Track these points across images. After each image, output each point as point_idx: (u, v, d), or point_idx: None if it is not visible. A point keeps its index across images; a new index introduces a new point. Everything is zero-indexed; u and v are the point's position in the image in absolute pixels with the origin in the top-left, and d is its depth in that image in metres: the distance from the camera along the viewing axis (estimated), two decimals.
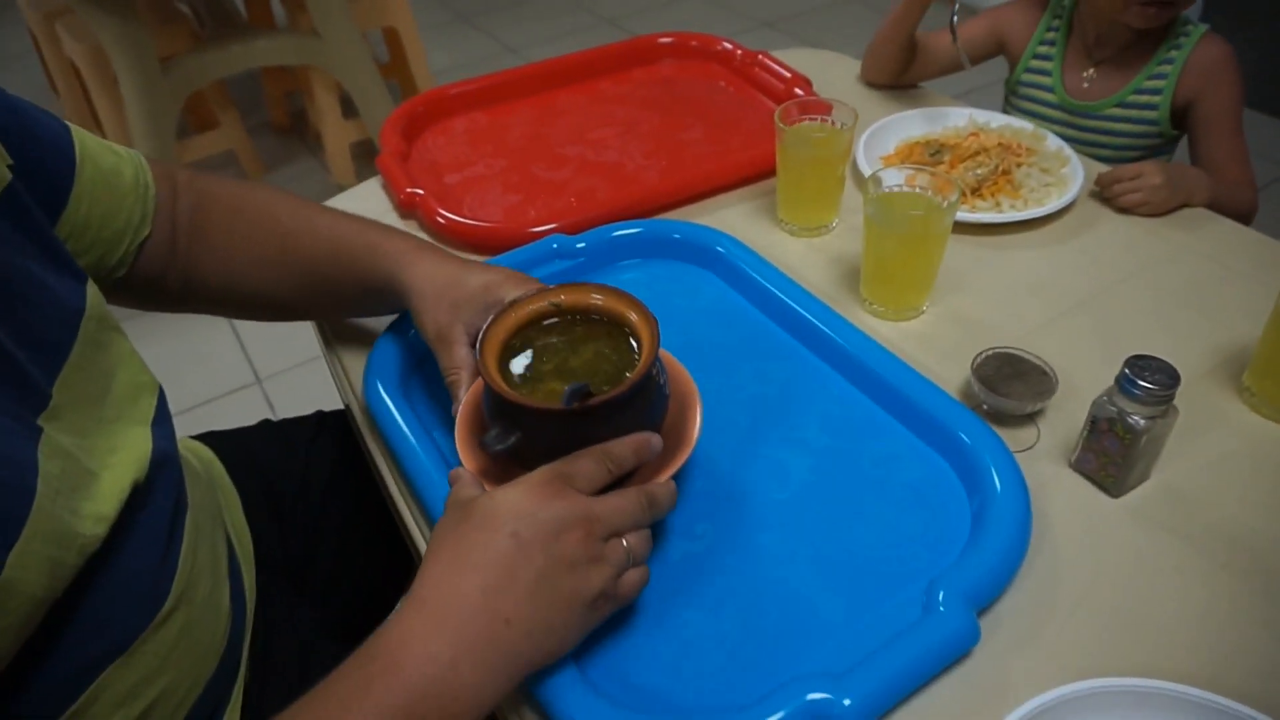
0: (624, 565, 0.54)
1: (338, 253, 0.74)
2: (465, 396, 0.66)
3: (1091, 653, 0.57)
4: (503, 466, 0.62)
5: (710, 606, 0.61)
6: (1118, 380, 0.63)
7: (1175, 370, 0.63)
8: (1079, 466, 0.69)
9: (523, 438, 0.58)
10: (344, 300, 0.79)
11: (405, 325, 0.80)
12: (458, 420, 0.65)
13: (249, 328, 2.08)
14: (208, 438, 0.84)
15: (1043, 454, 0.71)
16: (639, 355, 0.62)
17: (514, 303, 0.64)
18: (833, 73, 1.24)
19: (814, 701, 0.52)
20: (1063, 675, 0.54)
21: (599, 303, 0.65)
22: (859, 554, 0.64)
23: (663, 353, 0.65)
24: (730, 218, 0.99)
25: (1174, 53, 1.06)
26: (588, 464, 0.56)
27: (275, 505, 0.82)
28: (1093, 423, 0.66)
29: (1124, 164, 0.97)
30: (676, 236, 0.89)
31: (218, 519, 0.71)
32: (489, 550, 0.51)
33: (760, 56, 1.22)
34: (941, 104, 1.13)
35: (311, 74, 2.32)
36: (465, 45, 3.25)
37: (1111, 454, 0.66)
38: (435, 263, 0.71)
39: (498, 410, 0.60)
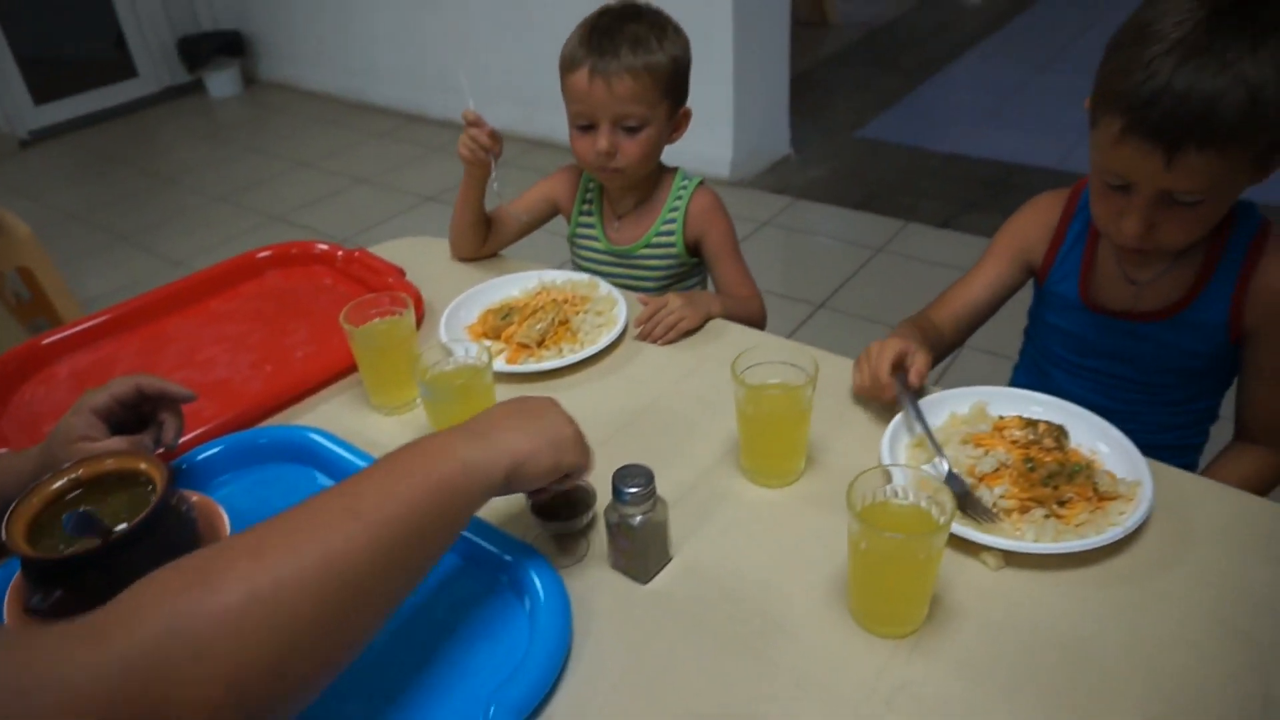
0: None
1: None
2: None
3: (603, 711, 0.69)
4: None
5: None
6: (612, 490, 0.78)
7: (650, 472, 0.78)
8: (613, 565, 0.83)
9: (65, 592, 0.65)
10: None
11: None
12: (6, 601, 0.72)
13: None
14: None
15: (592, 561, 0.84)
16: (155, 492, 0.73)
17: (37, 485, 0.73)
18: (429, 256, 1.40)
19: None
20: None
21: (112, 466, 0.76)
22: (433, 697, 0.72)
23: (200, 497, 0.82)
24: (334, 409, 1.08)
25: (678, 202, 1.33)
26: None
27: None
28: (608, 527, 0.80)
29: (656, 296, 1.18)
30: (264, 441, 0.97)
31: None
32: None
33: (358, 254, 1.34)
34: (518, 269, 1.31)
35: None
36: (128, 265, 3.17)
37: (627, 550, 0.80)
38: None
39: (36, 575, 0.68)
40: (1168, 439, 1.13)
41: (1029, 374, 1.24)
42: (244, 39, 4.74)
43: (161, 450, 0.89)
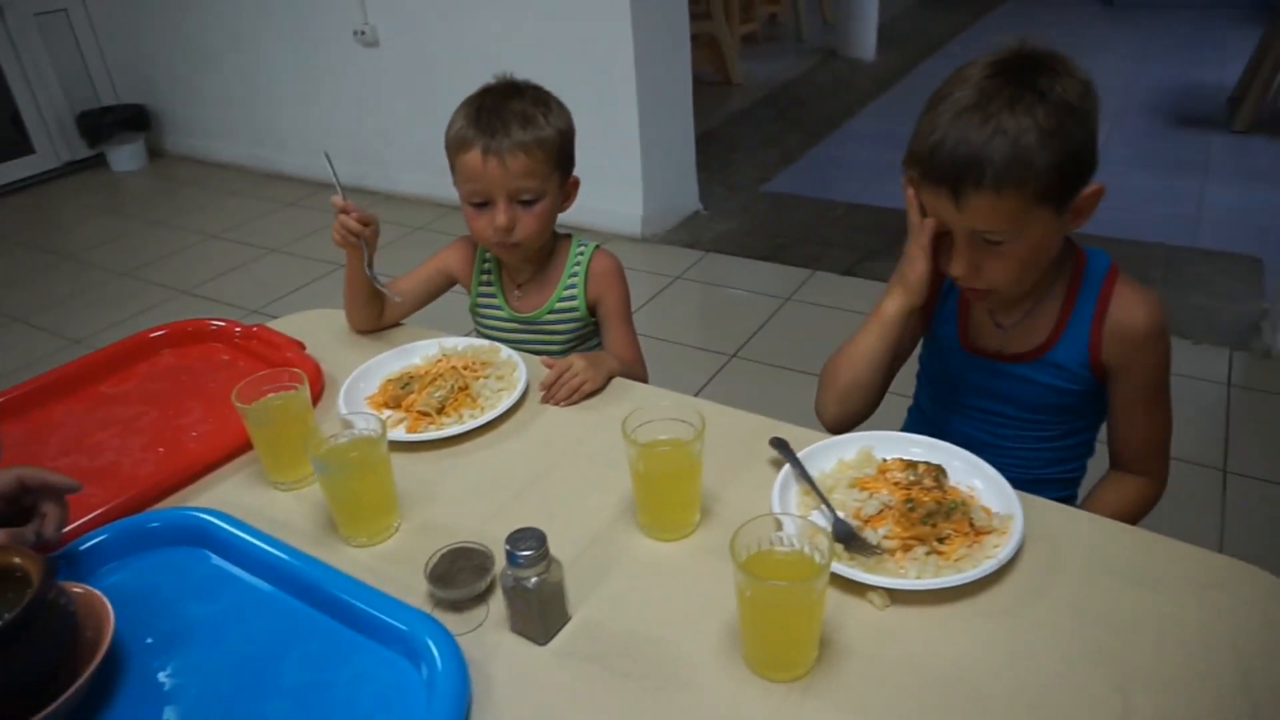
0: None
1: None
2: None
3: None
4: None
5: None
6: (506, 554, 0.79)
7: (542, 534, 0.80)
8: (513, 628, 0.83)
9: None
10: None
11: None
12: None
13: None
14: None
15: (491, 625, 0.85)
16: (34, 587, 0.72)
17: None
18: (330, 328, 1.39)
19: None
20: None
21: None
22: None
23: (83, 588, 0.82)
24: (231, 488, 1.06)
25: (577, 266, 1.37)
26: None
27: None
28: (504, 591, 0.81)
29: (559, 359, 1.20)
30: (153, 525, 0.95)
31: None
32: None
33: (257, 329, 1.34)
34: (420, 338, 1.32)
35: None
36: (24, 347, 3.05)
37: (524, 612, 0.81)
38: None
39: None
40: (1050, 473, 1.19)
41: (921, 413, 1.30)
42: (148, 113, 4.67)
43: (42, 543, 0.87)
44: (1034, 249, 0.98)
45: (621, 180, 3.37)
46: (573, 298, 1.37)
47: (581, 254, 1.37)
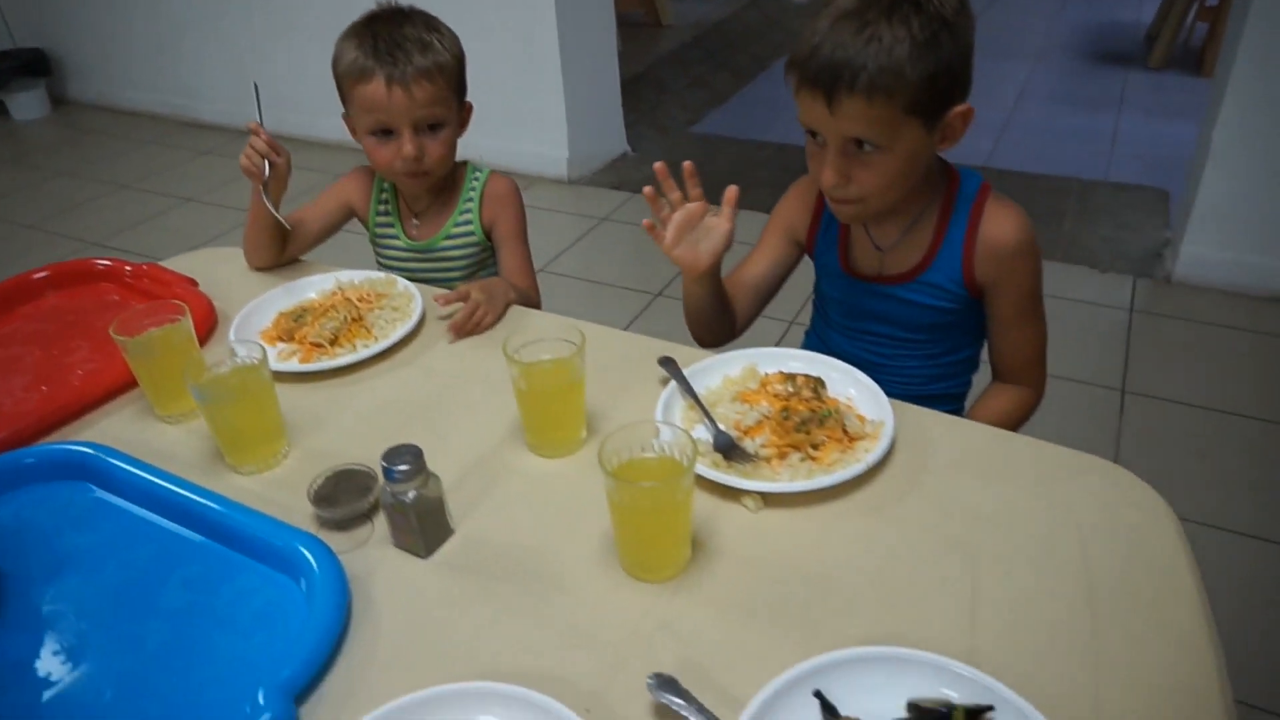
0: None
1: None
2: None
3: (395, 681, 0.71)
4: None
5: None
6: (382, 471, 0.80)
7: (418, 449, 0.81)
8: (396, 543, 0.84)
9: None
10: None
11: None
12: None
13: None
14: None
15: (376, 543, 0.86)
16: None
17: None
18: (226, 266, 1.37)
19: None
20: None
21: None
22: (205, 686, 0.72)
23: None
24: (115, 423, 1.05)
25: (472, 191, 1.37)
26: None
27: None
28: (385, 507, 0.82)
29: (452, 291, 1.20)
30: (30, 461, 0.93)
31: None
32: None
33: (147, 268, 1.30)
34: (316, 272, 1.31)
35: None
36: None
37: (404, 526, 0.82)
38: None
39: None
40: (935, 389, 1.23)
41: (815, 338, 1.33)
42: (48, 58, 4.45)
43: None
44: (902, 161, 1.00)
45: (545, 123, 3.33)
46: (468, 222, 1.37)
47: (477, 179, 1.37)
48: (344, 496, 0.88)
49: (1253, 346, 2.35)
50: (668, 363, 1.04)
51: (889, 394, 0.98)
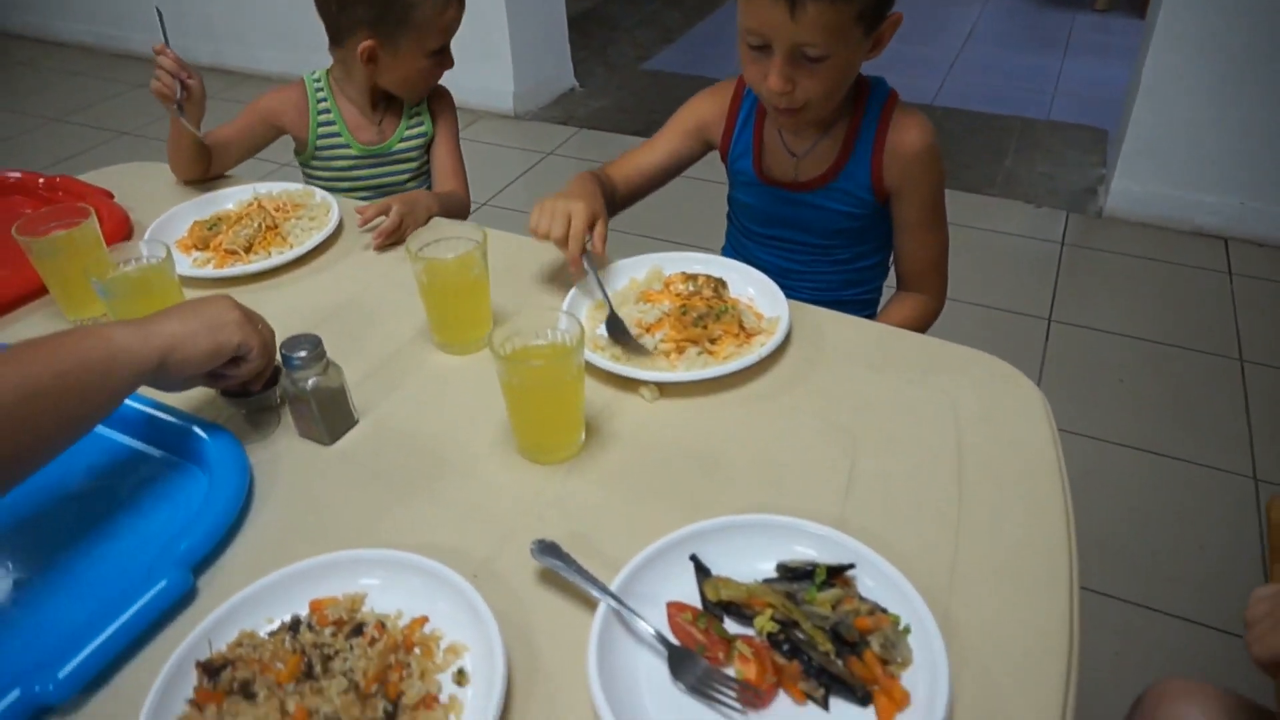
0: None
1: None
2: None
3: (292, 554, 0.73)
4: None
5: None
6: (281, 359, 0.82)
7: (317, 338, 0.83)
8: (300, 433, 0.87)
9: None
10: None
11: None
12: None
13: None
14: None
15: (282, 433, 0.88)
16: None
17: None
18: (145, 180, 1.36)
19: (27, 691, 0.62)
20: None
21: None
22: (109, 560, 0.74)
23: None
24: (25, 329, 1.05)
25: (419, 106, 1.43)
26: None
27: None
28: (288, 397, 0.84)
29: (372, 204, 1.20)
30: None
31: None
32: None
33: (60, 180, 1.29)
34: (234, 184, 1.30)
35: None
36: None
37: (306, 415, 0.84)
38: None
39: None
40: (846, 295, 1.27)
41: (731, 247, 1.36)
42: None
43: None
44: (844, 68, 1.02)
45: (490, 56, 3.28)
46: (420, 123, 1.44)
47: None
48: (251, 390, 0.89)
49: (1173, 278, 2.42)
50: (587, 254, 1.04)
51: (803, 300, 1.01)
